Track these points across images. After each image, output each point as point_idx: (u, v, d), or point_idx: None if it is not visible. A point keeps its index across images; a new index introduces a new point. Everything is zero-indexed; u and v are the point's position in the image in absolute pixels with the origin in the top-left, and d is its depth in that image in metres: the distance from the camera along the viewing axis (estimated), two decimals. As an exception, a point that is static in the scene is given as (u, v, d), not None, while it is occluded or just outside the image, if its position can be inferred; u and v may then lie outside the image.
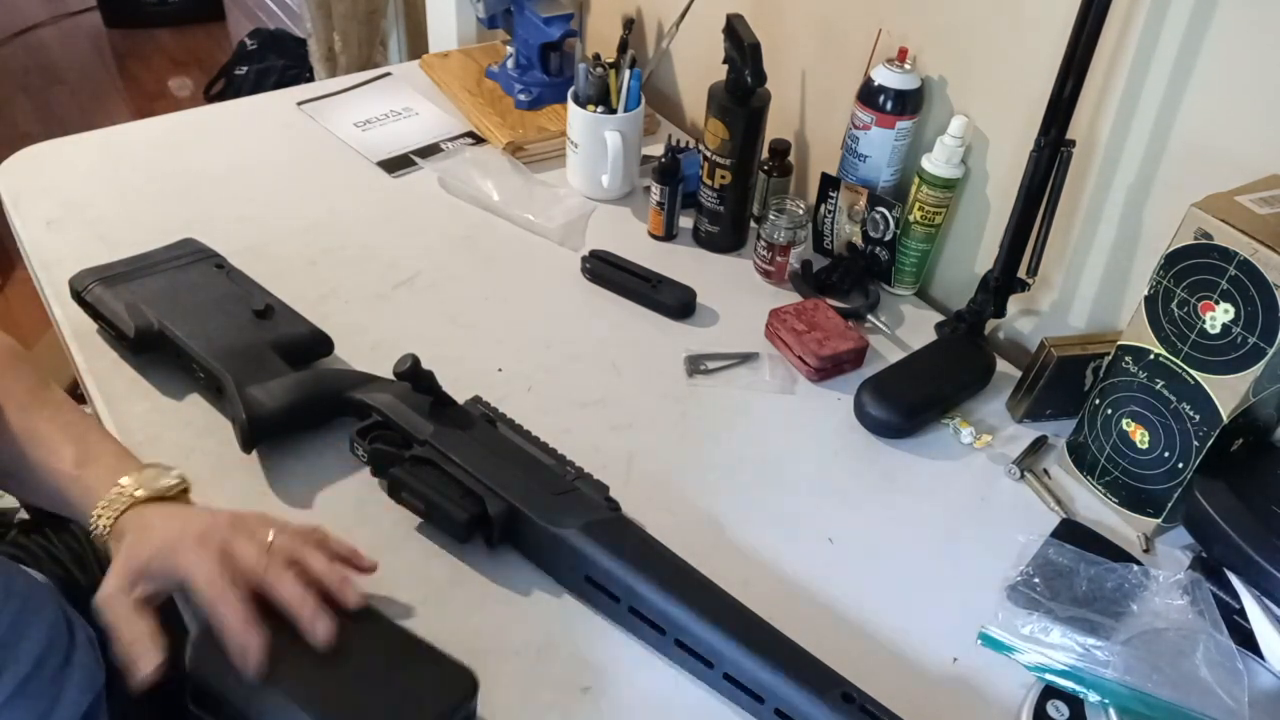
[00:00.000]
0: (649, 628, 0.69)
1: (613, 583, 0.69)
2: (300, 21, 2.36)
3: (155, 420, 0.83)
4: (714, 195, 1.08)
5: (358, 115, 1.28)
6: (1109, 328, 0.93)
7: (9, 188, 1.08)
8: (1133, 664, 0.67)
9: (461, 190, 1.15)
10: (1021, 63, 0.91)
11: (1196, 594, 0.73)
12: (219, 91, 2.73)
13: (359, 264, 1.03)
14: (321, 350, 0.89)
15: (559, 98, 1.26)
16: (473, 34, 1.52)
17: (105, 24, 3.34)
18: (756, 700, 0.65)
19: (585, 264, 1.05)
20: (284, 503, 0.78)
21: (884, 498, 0.85)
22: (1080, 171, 0.90)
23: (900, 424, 0.89)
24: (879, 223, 1.03)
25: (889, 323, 1.03)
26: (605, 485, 0.77)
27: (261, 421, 0.79)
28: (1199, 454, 0.77)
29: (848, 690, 0.63)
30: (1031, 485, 0.87)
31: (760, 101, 1.03)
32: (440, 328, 0.97)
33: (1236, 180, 0.75)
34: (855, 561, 0.79)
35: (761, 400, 0.93)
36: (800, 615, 0.70)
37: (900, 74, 0.98)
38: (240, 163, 1.16)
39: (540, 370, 0.93)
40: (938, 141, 0.97)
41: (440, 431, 0.77)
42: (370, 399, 0.80)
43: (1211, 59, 0.78)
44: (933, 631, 0.74)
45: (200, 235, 0.97)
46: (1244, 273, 0.70)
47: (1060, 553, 0.77)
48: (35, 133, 2.26)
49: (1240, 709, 0.65)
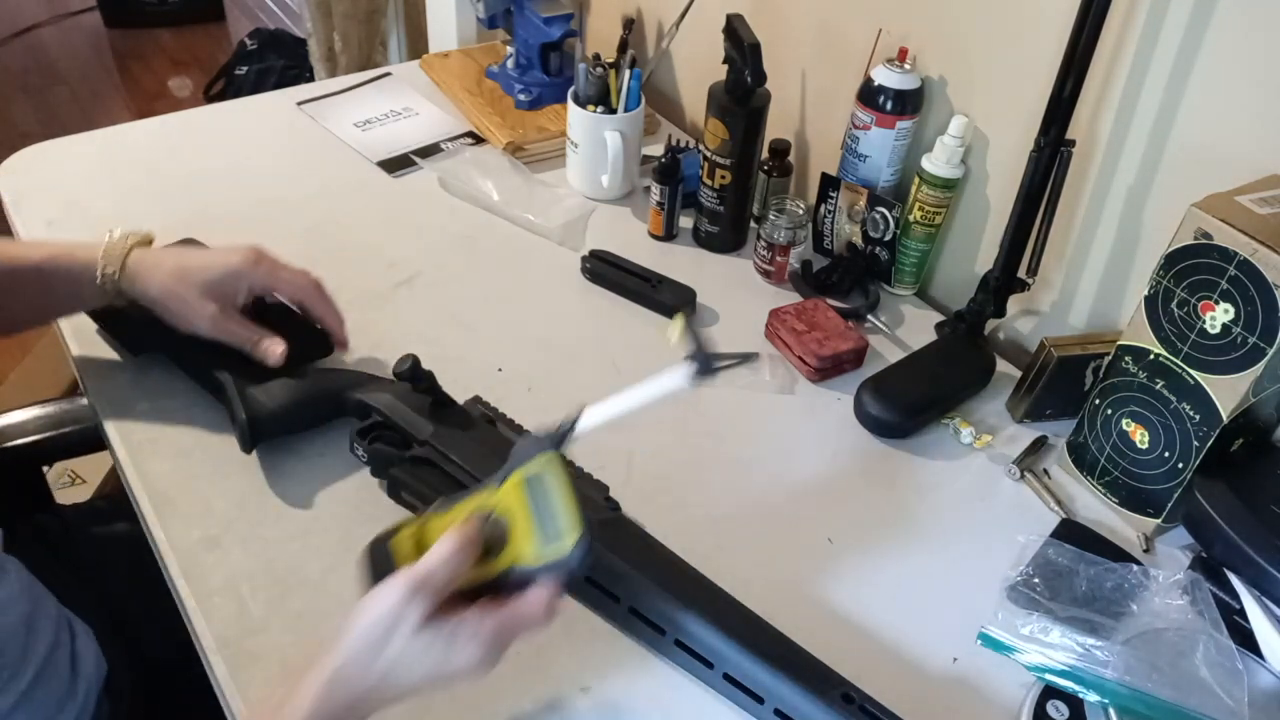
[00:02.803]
0: (649, 628, 0.69)
1: (612, 583, 0.69)
2: (300, 21, 2.36)
3: (155, 420, 0.83)
4: (714, 195, 1.08)
5: (358, 115, 1.28)
6: (1109, 328, 0.93)
7: (9, 188, 1.08)
8: (1132, 664, 0.67)
9: (461, 190, 1.15)
10: (1021, 63, 0.91)
11: (1196, 594, 0.73)
12: (219, 91, 2.74)
13: (359, 264, 1.03)
14: (321, 350, 0.89)
15: (559, 98, 1.26)
16: (473, 34, 1.52)
17: (105, 24, 3.34)
18: (756, 701, 0.65)
19: (585, 264, 1.05)
20: (284, 502, 0.78)
21: (884, 498, 0.85)
22: (1080, 171, 0.90)
23: (900, 424, 0.89)
24: (879, 223, 1.03)
25: (889, 323, 1.03)
26: (605, 485, 0.77)
27: (262, 422, 0.79)
28: (1199, 454, 0.77)
29: (848, 690, 0.63)
30: (1031, 485, 0.87)
31: (760, 101, 1.03)
32: (440, 328, 0.97)
33: (1236, 180, 0.75)
34: (855, 561, 0.79)
35: (761, 400, 0.93)
36: (800, 615, 0.70)
37: (900, 74, 0.98)
38: (240, 163, 1.16)
39: (540, 370, 0.93)
40: (938, 141, 0.97)
41: (440, 432, 0.77)
42: (370, 399, 0.80)
43: (1211, 59, 0.78)
44: (933, 631, 0.74)
45: (200, 235, 0.97)
46: (1244, 273, 0.70)
47: (1060, 553, 0.77)
48: (35, 133, 2.25)
49: (1240, 709, 0.65)
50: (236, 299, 0.81)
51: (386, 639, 0.55)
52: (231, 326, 0.80)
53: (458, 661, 0.55)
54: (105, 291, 0.79)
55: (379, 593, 0.55)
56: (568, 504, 0.56)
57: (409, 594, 0.54)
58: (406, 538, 0.61)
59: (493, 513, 0.58)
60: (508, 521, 0.58)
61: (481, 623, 0.55)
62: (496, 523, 0.58)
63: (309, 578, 0.73)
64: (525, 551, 0.57)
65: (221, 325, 0.79)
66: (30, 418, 1.00)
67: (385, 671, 0.55)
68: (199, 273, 0.79)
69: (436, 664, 0.55)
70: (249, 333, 0.81)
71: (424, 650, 0.55)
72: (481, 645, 0.55)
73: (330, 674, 0.55)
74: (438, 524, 0.60)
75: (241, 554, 0.74)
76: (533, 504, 0.57)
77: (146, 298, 0.79)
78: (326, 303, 0.86)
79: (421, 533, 0.61)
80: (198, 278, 0.78)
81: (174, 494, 0.78)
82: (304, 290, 0.84)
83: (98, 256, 0.78)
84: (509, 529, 0.57)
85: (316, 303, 0.85)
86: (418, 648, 0.55)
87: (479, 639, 0.55)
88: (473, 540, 0.56)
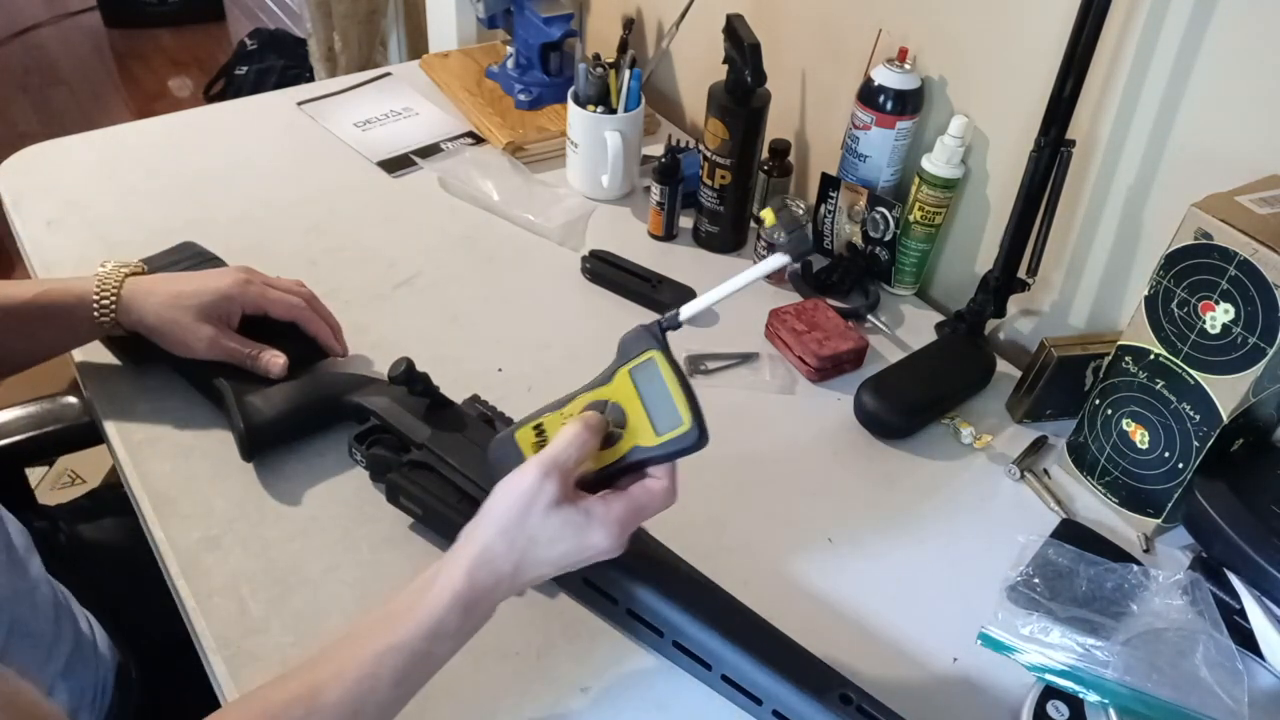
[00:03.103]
0: (647, 629, 0.69)
1: (609, 584, 0.69)
2: (300, 21, 2.36)
3: (155, 420, 0.83)
4: (714, 195, 1.08)
5: (358, 115, 1.28)
6: (1109, 328, 0.93)
7: (9, 188, 1.08)
8: (1132, 664, 0.67)
9: (461, 190, 1.15)
10: (1021, 63, 0.91)
11: (1196, 594, 0.73)
12: (219, 91, 2.74)
13: (359, 264, 1.03)
14: (321, 352, 0.89)
15: (559, 98, 1.26)
16: (473, 34, 1.52)
17: (105, 24, 3.34)
18: (755, 702, 0.65)
19: (585, 264, 1.05)
20: (284, 502, 0.78)
21: (884, 498, 0.85)
22: (1080, 171, 0.90)
23: (900, 424, 0.89)
24: (879, 223, 1.03)
25: (889, 323, 1.03)
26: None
27: (260, 431, 0.79)
28: (1199, 454, 0.77)
29: (846, 692, 0.63)
30: (1031, 485, 0.87)
31: (760, 101, 1.03)
32: (440, 328, 0.97)
33: (1236, 180, 0.75)
34: (855, 561, 0.79)
35: (761, 400, 0.93)
36: (800, 615, 0.70)
37: (900, 74, 0.98)
38: (240, 163, 1.16)
39: (540, 370, 0.93)
40: (938, 141, 0.97)
41: (437, 435, 0.77)
42: (367, 402, 0.80)
43: (1211, 59, 0.78)
44: (933, 631, 0.74)
45: (200, 235, 0.97)
46: (1244, 273, 0.69)
47: (1060, 553, 0.77)
48: (35, 133, 2.26)
49: (1240, 709, 0.65)
50: (231, 320, 0.82)
51: (525, 517, 0.58)
52: (229, 346, 0.81)
53: (593, 540, 0.59)
54: (101, 325, 0.80)
55: (513, 477, 0.59)
56: (676, 390, 0.59)
57: (542, 475, 0.58)
58: (528, 432, 0.65)
59: (608, 402, 0.62)
60: (624, 409, 0.62)
61: (611, 506, 0.59)
62: (615, 408, 0.62)
63: (309, 578, 0.73)
64: (644, 435, 0.60)
65: (218, 347, 0.80)
66: (13, 418, 1.00)
67: (525, 549, 0.58)
68: (192, 298, 0.80)
69: (574, 543, 0.59)
70: (247, 349, 0.82)
71: (560, 528, 0.58)
72: (614, 525, 0.59)
73: (477, 551, 0.58)
74: (554, 420, 0.64)
75: (241, 554, 0.74)
76: (643, 393, 0.61)
77: (143, 326, 0.80)
78: (318, 322, 0.86)
79: (541, 429, 0.65)
80: (191, 303, 0.80)
81: (174, 494, 0.78)
82: (295, 310, 0.85)
83: (92, 289, 0.79)
84: (625, 416, 0.61)
85: (309, 322, 0.86)
86: (554, 524, 0.58)
87: (610, 518, 0.59)
88: (596, 425, 0.61)
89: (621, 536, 0.59)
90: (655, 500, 0.60)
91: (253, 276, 0.84)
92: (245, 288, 0.82)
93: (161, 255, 0.93)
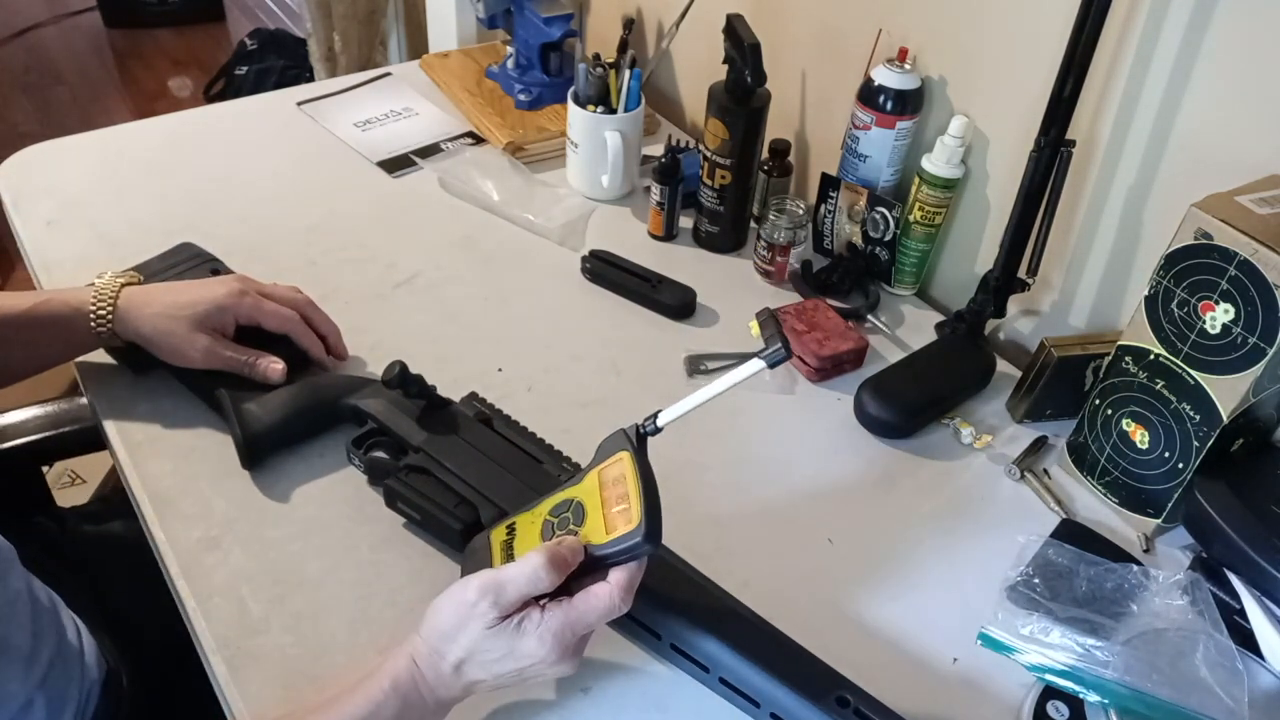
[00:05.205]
0: (645, 632, 0.69)
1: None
2: (300, 21, 2.36)
3: (155, 420, 0.83)
4: (714, 195, 1.08)
5: (358, 115, 1.28)
6: (1109, 328, 0.93)
7: (9, 188, 1.08)
8: (1132, 664, 0.67)
9: (461, 190, 1.15)
10: (1021, 63, 0.91)
11: (1196, 594, 0.73)
12: (219, 91, 2.73)
13: (359, 264, 1.03)
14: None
15: (559, 98, 1.26)
16: (473, 34, 1.52)
17: (105, 24, 3.34)
18: (753, 704, 0.65)
19: (585, 264, 1.05)
20: (283, 503, 0.78)
21: (884, 498, 0.85)
22: (1080, 171, 0.90)
23: (900, 424, 0.89)
24: (879, 223, 1.03)
25: (889, 323, 1.03)
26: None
27: (259, 439, 0.79)
28: (1199, 454, 0.77)
29: (843, 694, 0.63)
30: (1031, 485, 0.87)
31: (760, 101, 1.03)
32: (440, 328, 0.97)
33: (1236, 180, 0.75)
34: (855, 561, 0.79)
35: (761, 400, 0.93)
36: (800, 615, 0.70)
37: (900, 74, 0.98)
38: (240, 163, 1.16)
39: (540, 370, 0.93)
40: (938, 141, 0.97)
41: (433, 438, 0.76)
42: (364, 405, 0.80)
43: (1211, 59, 0.78)
44: (933, 631, 0.74)
45: (200, 235, 0.97)
46: (1244, 273, 0.69)
47: (1060, 553, 0.77)
48: (35, 133, 2.25)
49: (1240, 709, 0.65)
50: (226, 330, 0.82)
51: (460, 629, 0.59)
52: (225, 355, 0.81)
53: (527, 649, 0.58)
54: (99, 336, 0.80)
55: (458, 587, 0.60)
56: (636, 492, 0.61)
57: (478, 596, 0.58)
58: (500, 531, 0.67)
59: (573, 501, 0.64)
60: (585, 507, 0.63)
61: (547, 618, 0.59)
62: (578, 507, 0.63)
63: (309, 578, 0.73)
64: (596, 534, 0.61)
65: (214, 356, 0.80)
66: (29, 417, 1.00)
67: (463, 657, 0.59)
68: (187, 308, 0.80)
69: (509, 659, 0.59)
70: (244, 357, 0.81)
71: (493, 646, 0.58)
72: (548, 636, 0.58)
73: (422, 645, 0.60)
74: (525, 521, 0.66)
75: (241, 554, 0.74)
76: (605, 494, 0.62)
77: (140, 337, 0.80)
78: (310, 335, 0.86)
79: (513, 529, 0.66)
80: (186, 313, 0.80)
81: (174, 494, 0.78)
82: (288, 323, 0.84)
83: (89, 299, 0.79)
84: (585, 515, 0.63)
85: (301, 335, 0.85)
86: (488, 643, 0.58)
87: (544, 630, 0.58)
88: (558, 562, 0.59)
89: (558, 648, 0.58)
90: (599, 604, 0.59)
91: (247, 286, 0.83)
92: (240, 298, 0.82)
93: (160, 258, 0.93)
